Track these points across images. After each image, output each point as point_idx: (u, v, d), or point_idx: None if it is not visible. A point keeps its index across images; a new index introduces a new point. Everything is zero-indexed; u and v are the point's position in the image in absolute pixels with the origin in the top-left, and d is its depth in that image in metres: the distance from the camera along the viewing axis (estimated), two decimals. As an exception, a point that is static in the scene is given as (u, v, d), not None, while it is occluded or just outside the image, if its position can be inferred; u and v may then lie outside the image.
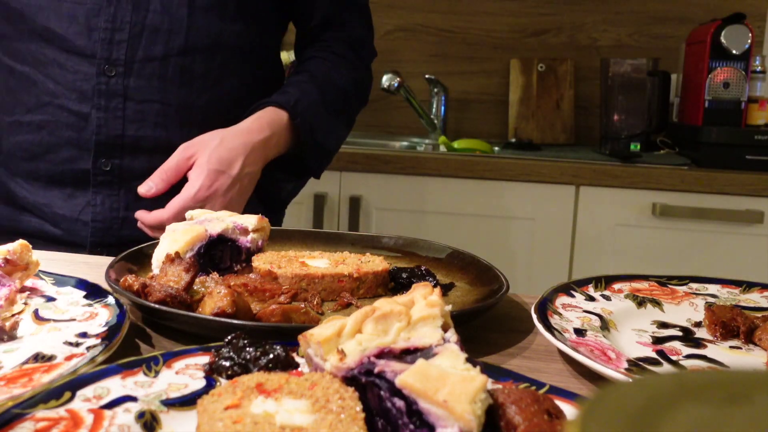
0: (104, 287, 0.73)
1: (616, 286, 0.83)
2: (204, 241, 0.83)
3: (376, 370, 0.47)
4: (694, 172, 2.12)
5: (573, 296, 0.79)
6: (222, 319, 0.64)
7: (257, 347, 0.54)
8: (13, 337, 0.64)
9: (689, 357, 0.68)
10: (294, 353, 0.55)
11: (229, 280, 0.74)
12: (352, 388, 0.47)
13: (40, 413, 0.46)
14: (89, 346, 0.60)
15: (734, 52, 2.19)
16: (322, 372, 0.49)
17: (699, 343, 0.71)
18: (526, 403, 0.45)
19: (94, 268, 0.87)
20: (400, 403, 0.45)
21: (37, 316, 0.68)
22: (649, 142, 2.45)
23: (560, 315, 0.72)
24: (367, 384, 0.47)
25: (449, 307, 0.52)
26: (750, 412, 0.25)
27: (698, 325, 0.75)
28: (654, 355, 0.68)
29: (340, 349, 0.49)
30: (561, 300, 0.77)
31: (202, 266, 0.80)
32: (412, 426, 0.44)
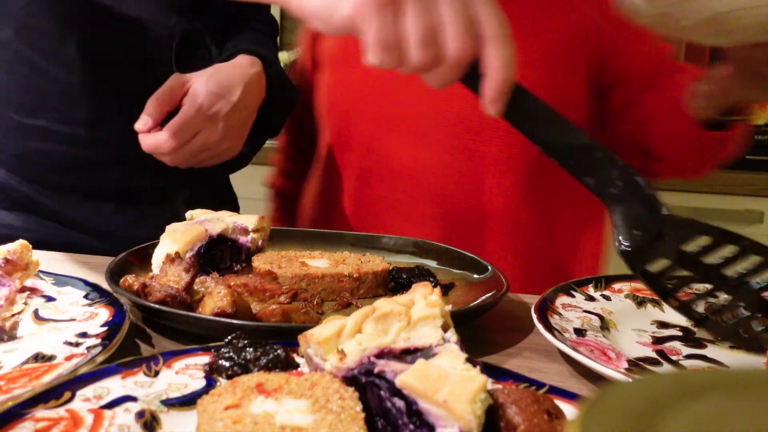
0: (104, 287, 0.73)
1: (616, 286, 0.83)
2: (204, 241, 0.83)
3: (376, 370, 0.47)
4: (694, 172, 2.12)
5: (573, 296, 0.79)
6: (222, 319, 0.64)
7: (257, 347, 0.54)
8: (13, 337, 0.64)
9: (689, 357, 0.68)
10: (294, 353, 0.55)
11: (229, 280, 0.74)
12: (352, 388, 0.47)
13: (40, 413, 0.46)
14: (89, 346, 0.60)
15: (734, 52, 2.19)
16: (322, 372, 0.49)
17: (699, 343, 0.71)
18: (526, 403, 0.45)
19: (94, 268, 0.87)
20: (400, 403, 0.45)
21: (37, 316, 0.68)
22: (649, 142, 2.45)
23: (560, 315, 0.72)
24: (367, 384, 0.47)
25: (449, 307, 0.52)
26: (750, 412, 0.25)
27: (698, 325, 0.75)
28: (654, 355, 0.68)
29: (340, 349, 0.49)
30: (561, 300, 0.77)
31: (202, 266, 0.80)
32: (412, 426, 0.44)
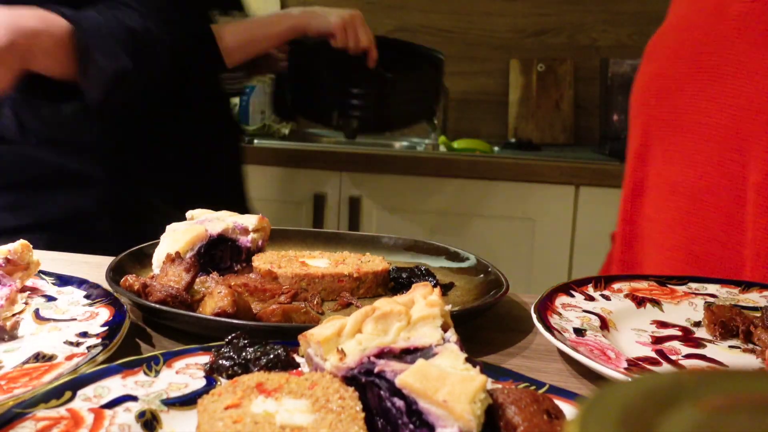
0: (104, 287, 0.73)
1: (616, 286, 0.83)
2: (204, 241, 0.83)
3: (376, 370, 0.47)
4: (693, 172, 2.12)
5: (572, 296, 0.79)
6: (222, 319, 0.64)
7: (257, 347, 0.54)
8: (13, 336, 0.64)
9: (688, 357, 0.68)
10: (294, 353, 0.55)
11: (230, 280, 0.74)
12: (352, 388, 0.47)
13: (40, 413, 0.46)
14: (90, 346, 0.60)
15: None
16: (322, 372, 0.49)
17: (698, 343, 0.71)
18: (526, 403, 0.45)
19: (95, 268, 0.87)
20: (399, 402, 0.45)
21: (37, 316, 0.68)
22: (649, 142, 2.45)
23: (560, 315, 0.73)
24: (367, 384, 0.47)
25: (449, 307, 0.52)
26: (750, 412, 0.25)
27: (697, 324, 0.75)
28: (653, 355, 0.68)
29: (340, 348, 0.49)
30: (560, 300, 0.77)
31: (203, 266, 0.80)
32: (411, 426, 0.44)
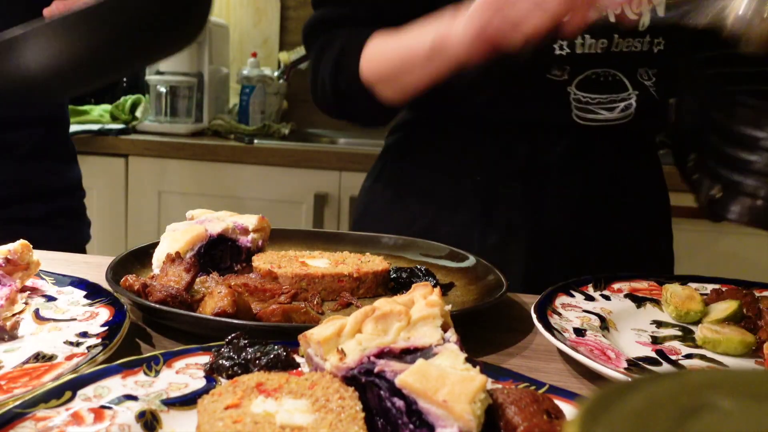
0: (104, 287, 0.73)
1: (616, 286, 0.83)
2: (204, 241, 0.83)
3: (376, 370, 0.47)
4: (694, 171, 2.12)
5: (572, 296, 0.79)
6: (222, 319, 0.64)
7: (257, 347, 0.54)
8: (14, 336, 0.64)
9: (688, 356, 0.68)
10: (294, 353, 0.55)
11: (230, 280, 0.74)
12: (352, 388, 0.47)
13: (40, 413, 0.46)
14: (90, 346, 0.60)
15: (734, 52, 2.19)
16: (322, 372, 0.49)
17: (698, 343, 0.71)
18: (526, 403, 0.45)
19: (95, 268, 0.87)
20: (399, 402, 0.45)
21: (37, 316, 0.68)
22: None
23: (560, 315, 0.73)
24: (367, 384, 0.47)
25: (449, 307, 0.52)
26: (749, 412, 0.25)
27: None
28: (653, 355, 0.68)
29: (340, 348, 0.49)
30: (560, 300, 0.77)
31: (203, 266, 0.80)
32: (411, 426, 0.44)
